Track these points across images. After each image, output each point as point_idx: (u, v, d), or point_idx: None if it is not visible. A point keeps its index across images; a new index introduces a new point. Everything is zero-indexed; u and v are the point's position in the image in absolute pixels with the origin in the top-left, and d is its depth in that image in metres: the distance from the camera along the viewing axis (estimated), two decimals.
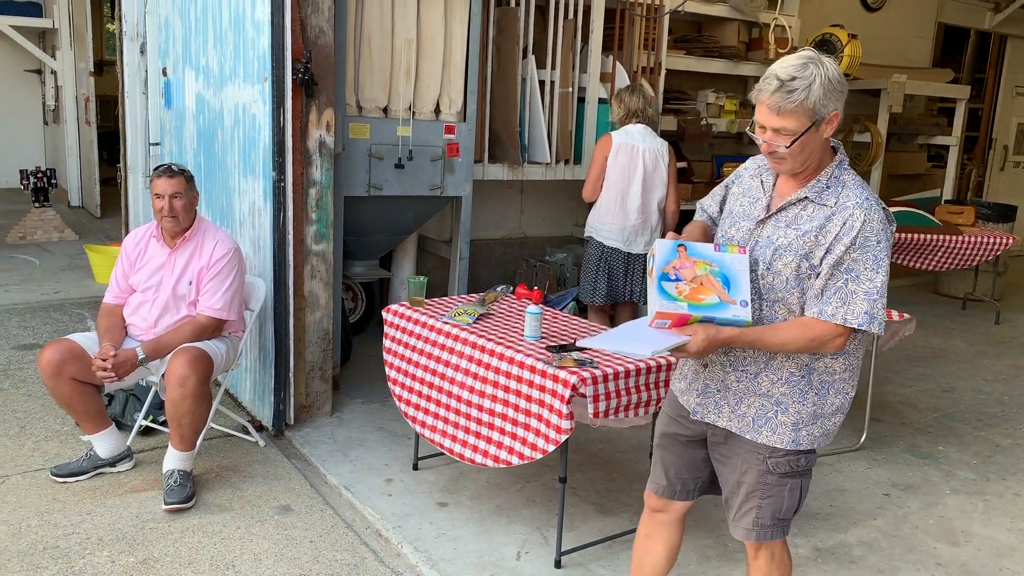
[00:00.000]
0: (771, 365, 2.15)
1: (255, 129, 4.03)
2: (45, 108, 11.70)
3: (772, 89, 1.98)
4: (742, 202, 2.25)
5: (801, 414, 2.16)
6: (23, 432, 4.00)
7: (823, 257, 2.04)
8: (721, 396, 2.22)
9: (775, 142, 2.03)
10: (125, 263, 3.65)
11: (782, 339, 2.07)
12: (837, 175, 2.10)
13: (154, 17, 5.43)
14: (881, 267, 2.03)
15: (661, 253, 2.11)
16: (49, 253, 7.90)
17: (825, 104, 1.97)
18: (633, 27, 5.96)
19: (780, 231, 2.11)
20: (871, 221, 2.02)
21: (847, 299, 2.02)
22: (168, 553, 3.06)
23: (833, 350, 2.09)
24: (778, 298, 2.11)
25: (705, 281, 2.06)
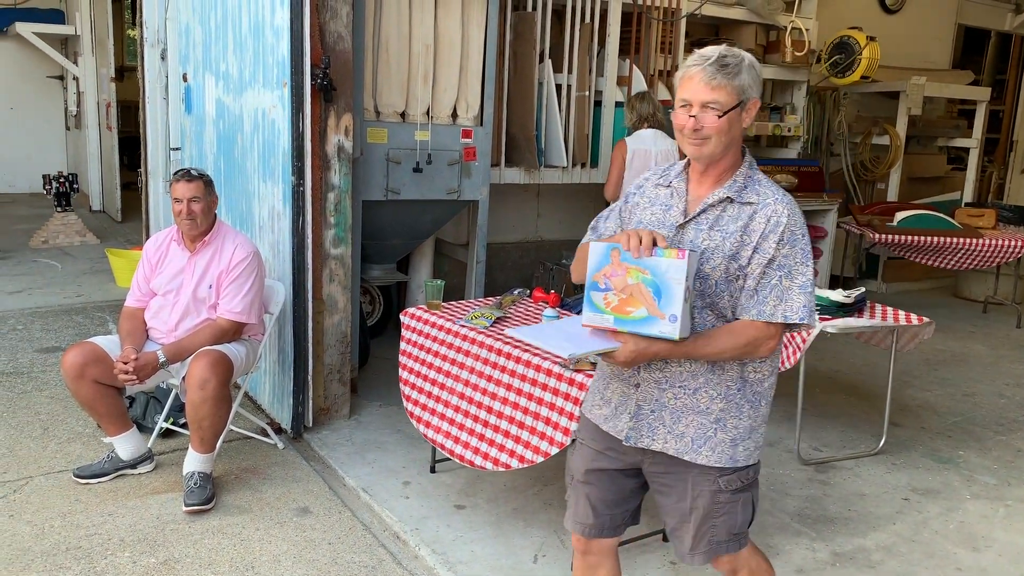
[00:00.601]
0: (710, 380, 2.06)
1: (274, 134, 4.07)
2: (67, 114, 11.83)
3: (708, 62, 1.96)
4: (653, 211, 2.13)
5: (739, 429, 2.09)
6: (46, 434, 4.05)
7: (751, 256, 1.99)
8: (656, 417, 2.10)
9: (704, 116, 1.97)
10: (146, 267, 3.70)
11: (717, 348, 1.99)
12: (751, 175, 2.07)
13: (175, 23, 5.49)
14: (808, 260, 2.02)
15: (594, 258, 1.95)
16: (71, 257, 7.99)
17: (751, 87, 1.98)
18: (650, 30, 5.96)
19: (703, 234, 2.03)
20: (794, 215, 2.00)
21: (783, 296, 1.98)
22: (188, 554, 3.09)
23: (766, 352, 2.03)
24: (707, 304, 2.03)
25: (635, 292, 1.90)
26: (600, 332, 1.95)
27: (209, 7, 4.73)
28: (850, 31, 7.51)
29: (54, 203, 8.58)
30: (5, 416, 4.23)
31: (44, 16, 10.98)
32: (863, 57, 7.35)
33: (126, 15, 13.11)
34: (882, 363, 4.58)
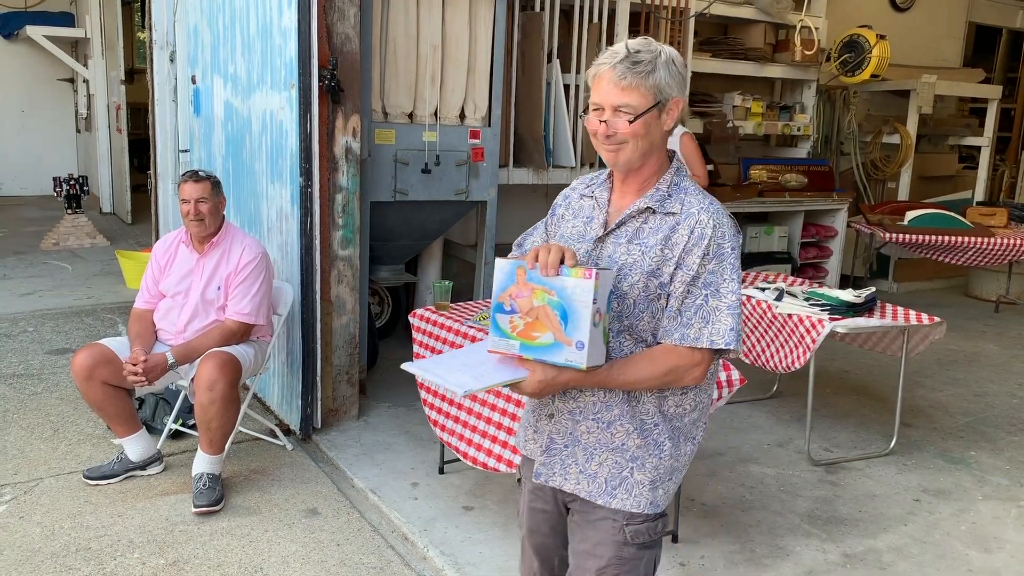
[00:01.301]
0: (625, 412, 1.84)
1: (282, 136, 4.07)
2: (77, 116, 11.89)
3: (617, 60, 1.75)
4: (574, 223, 1.94)
5: (659, 469, 1.86)
6: (56, 435, 4.06)
7: (673, 273, 1.78)
8: (569, 453, 1.89)
9: (615, 120, 1.77)
10: (155, 268, 3.71)
11: (634, 376, 1.77)
12: (677, 182, 1.86)
13: (183, 26, 5.51)
14: (737, 277, 1.80)
15: (499, 276, 1.77)
16: (81, 259, 8.03)
17: (670, 84, 1.77)
18: (658, 30, 5.95)
19: (622, 248, 1.83)
20: (721, 226, 1.78)
21: (709, 318, 1.76)
22: (197, 555, 3.09)
23: (692, 381, 1.80)
24: (624, 326, 1.81)
25: (541, 315, 1.71)
26: (507, 359, 1.77)
27: (217, 9, 4.74)
28: (860, 29, 7.47)
29: (65, 205, 8.62)
30: (16, 417, 4.24)
31: (55, 19, 11.04)
32: (873, 55, 7.32)
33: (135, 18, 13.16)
34: (893, 363, 4.55)
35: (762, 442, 4.39)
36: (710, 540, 3.35)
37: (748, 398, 4.86)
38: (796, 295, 4.26)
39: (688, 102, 6.33)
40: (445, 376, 1.77)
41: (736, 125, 6.80)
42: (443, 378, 1.76)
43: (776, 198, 7.09)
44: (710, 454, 4.19)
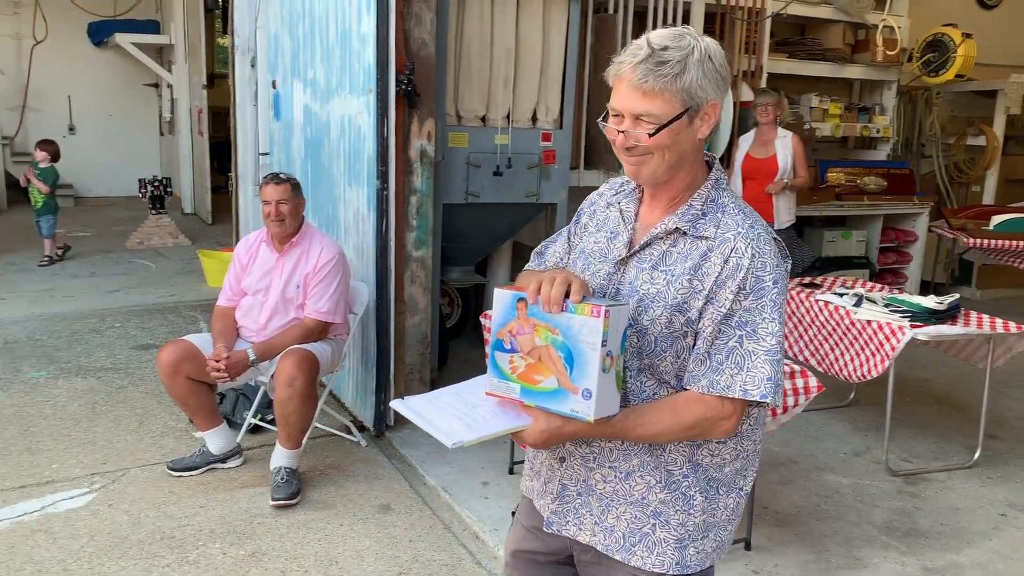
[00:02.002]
0: (647, 462, 1.60)
1: (360, 139, 4.16)
2: (161, 120, 12.31)
3: (639, 59, 1.48)
4: (597, 238, 1.69)
5: (687, 527, 1.61)
6: (141, 427, 4.22)
7: (703, 308, 1.52)
8: (583, 502, 1.65)
9: (636, 131, 1.51)
10: (237, 267, 3.82)
11: (653, 429, 1.53)
12: (714, 197, 1.58)
13: (264, 32, 5.66)
14: (778, 317, 1.52)
15: (499, 309, 1.55)
16: (164, 258, 8.31)
17: (703, 87, 1.49)
18: (733, 31, 5.88)
19: (645, 275, 1.57)
20: (762, 255, 1.51)
21: (744, 363, 1.51)
22: (275, 547, 3.18)
23: (720, 435, 1.56)
24: (645, 365, 1.57)
25: (544, 356, 1.49)
26: (508, 403, 1.56)
27: (297, 16, 4.86)
28: (944, 28, 7.25)
29: (149, 206, 8.94)
30: (104, 410, 4.43)
31: (141, 27, 11.47)
32: (958, 55, 7.09)
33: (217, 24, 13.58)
34: (975, 373, 4.40)
35: (838, 451, 4.30)
36: (784, 549, 3.30)
37: (824, 406, 4.76)
38: (875, 301, 4.16)
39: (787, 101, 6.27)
40: (435, 422, 1.54)
41: (813, 127, 6.67)
42: (433, 424, 1.54)
43: (854, 201, 6.93)
44: (784, 462, 4.12)
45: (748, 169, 5.66)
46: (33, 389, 4.67)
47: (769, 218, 5.62)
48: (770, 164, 5.58)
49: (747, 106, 5.89)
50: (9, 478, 3.64)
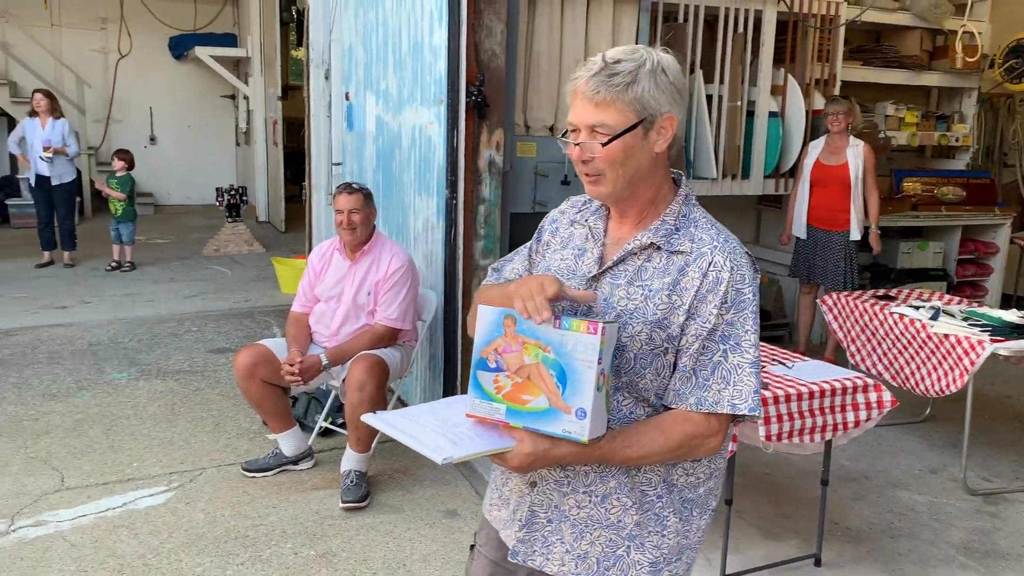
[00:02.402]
0: (623, 484, 1.56)
1: (430, 150, 4.23)
2: (237, 131, 12.69)
3: (592, 72, 1.48)
4: (564, 255, 1.65)
5: (662, 549, 1.58)
6: (217, 429, 4.36)
7: (684, 324, 1.51)
8: (553, 529, 1.60)
9: (590, 142, 1.50)
10: (311, 274, 3.92)
11: (643, 450, 1.50)
12: (686, 212, 1.58)
13: (339, 45, 5.80)
14: (757, 328, 1.53)
15: (483, 326, 1.49)
16: (239, 265, 8.56)
17: (656, 98, 1.48)
18: (806, 38, 5.79)
19: (621, 291, 1.54)
20: (740, 268, 1.52)
21: (730, 378, 1.50)
22: (345, 549, 3.25)
23: (707, 453, 1.54)
24: (623, 383, 1.54)
25: (534, 375, 1.44)
26: (490, 425, 1.49)
27: (371, 29, 4.97)
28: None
29: (225, 214, 9.22)
30: (182, 411, 4.58)
31: (220, 40, 11.85)
32: None
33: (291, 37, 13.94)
34: None
35: (913, 467, 4.18)
36: (855, 566, 3.23)
37: (898, 421, 4.64)
38: (953, 314, 4.04)
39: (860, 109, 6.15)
40: (418, 436, 1.49)
41: (888, 136, 6.51)
42: (416, 439, 1.49)
43: (931, 212, 6.75)
44: (856, 476, 4.03)
45: (817, 176, 5.57)
46: (116, 390, 4.86)
47: (842, 226, 5.52)
48: (840, 172, 5.49)
49: (819, 114, 5.79)
50: (93, 475, 3.79)
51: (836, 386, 2.98)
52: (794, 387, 2.91)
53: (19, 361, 5.31)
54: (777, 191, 5.95)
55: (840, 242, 5.53)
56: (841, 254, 5.54)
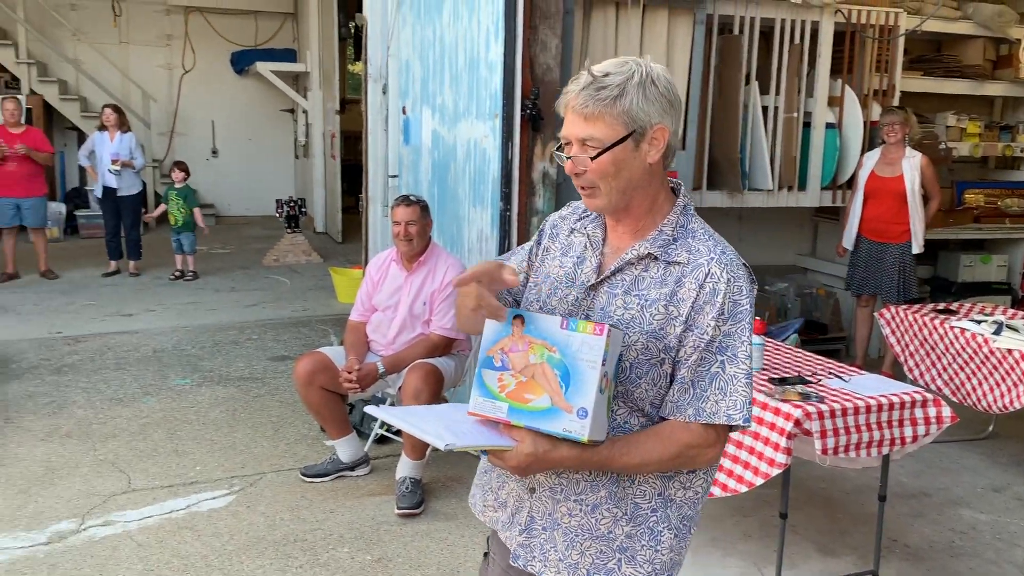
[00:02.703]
0: (614, 494, 1.56)
1: (485, 162, 4.29)
2: (296, 143, 12.95)
3: (581, 86, 1.51)
4: (563, 262, 1.66)
5: (655, 564, 1.57)
6: (277, 434, 4.46)
7: (682, 335, 1.52)
8: (548, 537, 1.60)
9: (581, 156, 1.52)
10: (369, 284, 4.01)
11: (641, 458, 1.51)
12: (684, 223, 1.59)
13: (396, 60, 5.91)
14: (752, 339, 1.55)
15: (491, 327, 1.53)
16: (298, 274, 8.73)
17: (645, 110, 1.49)
18: (864, 49, 5.73)
19: (618, 300, 1.56)
20: (737, 279, 1.52)
21: (727, 388, 1.51)
22: (400, 554, 3.30)
23: (705, 464, 1.56)
24: (619, 392, 1.54)
25: (539, 374, 1.46)
26: (492, 423, 1.51)
27: (428, 45, 5.07)
28: None
29: (284, 225, 9.42)
30: (243, 417, 4.70)
31: (280, 56, 12.13)
32: None
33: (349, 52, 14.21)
34: None
35: (975, 485, 4.10)
36: None
37: (959, 438, 4.55)
38: (1018, 329, 3.96)
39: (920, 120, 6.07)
40: (420, 426, 1.51)
41: (950, 147, 6.39)
42: (418, 428, 1.50)
43: (994, 224, 6.59)
44: (915, 493, 3.96)
45: (871, 188, 5.50)
46: (179, 395, 5.02)
47: (896, 239, 5.43)
48: (896, 184, 5.41)
49: (877, 125, 5.72)
50: (159, 477, 3.92)
51: (894, 400, 2.95)
52: (851, 400, 2.88)
53: (88, 366, 5.51)
54: (834, 203, 5.88)
55: (895, 254, 5.45)
56: (896, 267, 5.45)
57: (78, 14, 11.77)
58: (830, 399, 2.89)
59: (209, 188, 12.47)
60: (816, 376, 3.18)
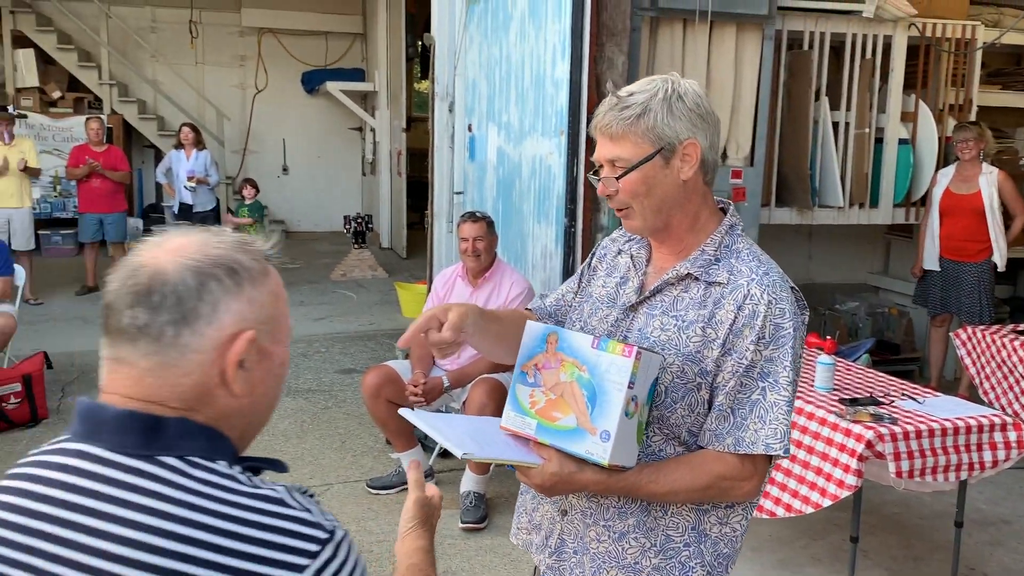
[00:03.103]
0: (643, 523, 1.51)
1: (550, 179, 4.32)
2: (364, 161, 13.19)
3: (607, 108, 1.48)
4: (606, 283, 1.63)
5: None
6: (343, 446, 4.54)
7: (719, 359, 1.45)
8: (577, 561, 1.57)
9: (610, 177, 1.49)
10: (435, 299, 4.06)
11: (667, 486, 1.45)
12: (728, 243, 1.53)
13: (463, 79, 6.00)
14: (797, 366, 1.46)
15: (528, 342, 1.51)
16: (364, 289, 8.88)
17: (672, 126, 1.45)
18: (939, 63, 5.60)
19: (655, 321, 1.51)
20: (779, 302, 1.45)
21: (766, 416, 1.43)
22: (464, 568, 3.32)
23: (743, 497, 1.48)
24: (654, 417, 1.49)
25: (567, 393, 1.44)
26: (523, 439, 1.49)
27: (495, 63, 5.13)
28: None
29: (351, 240, 9.60)
30: (311, 428, 4.79)
31: (349, 75, 12.40)
32: None
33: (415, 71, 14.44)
34: None
35: None
36: None
37: None
38: None
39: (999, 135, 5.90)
40: (444, 432, 1.50)
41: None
42: (442, 433, 1.49)
43: None
44: (994, 521, 3.82)
45: (947, 206, 5.35)
46: None
47: (974, 257, 5.27)
48: (973, 201, 5.25)
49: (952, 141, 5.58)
50: None
51: (971, 423, 2.86)
52: (926, 423, 2.81)
53: None
54: (907, 220, 5.75)
55: (973, 273, 5.29)
56: (974, 286, 5.28)
57: (157, 36, 12.22)
58: (904, 421, 2.82)
59: (280, 204, 12.78)
60: (889, 397, 3.11)
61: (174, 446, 0.88)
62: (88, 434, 0.89)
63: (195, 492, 0.85)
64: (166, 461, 0.86)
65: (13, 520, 0.86)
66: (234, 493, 0.86)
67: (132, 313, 0.89)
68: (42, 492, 0.86)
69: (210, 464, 0.88)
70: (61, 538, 0.83)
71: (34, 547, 0.84)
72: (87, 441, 0.89)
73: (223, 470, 0.88)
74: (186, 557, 0.81)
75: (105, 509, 0.83)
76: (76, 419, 0.91)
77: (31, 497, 0.87)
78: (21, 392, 4.68)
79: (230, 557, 0.83)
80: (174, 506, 0.83)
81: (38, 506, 0.86)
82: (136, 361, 0.89)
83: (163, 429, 0.88)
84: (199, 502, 0.84)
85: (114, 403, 0.90)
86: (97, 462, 0.87)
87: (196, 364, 0.89)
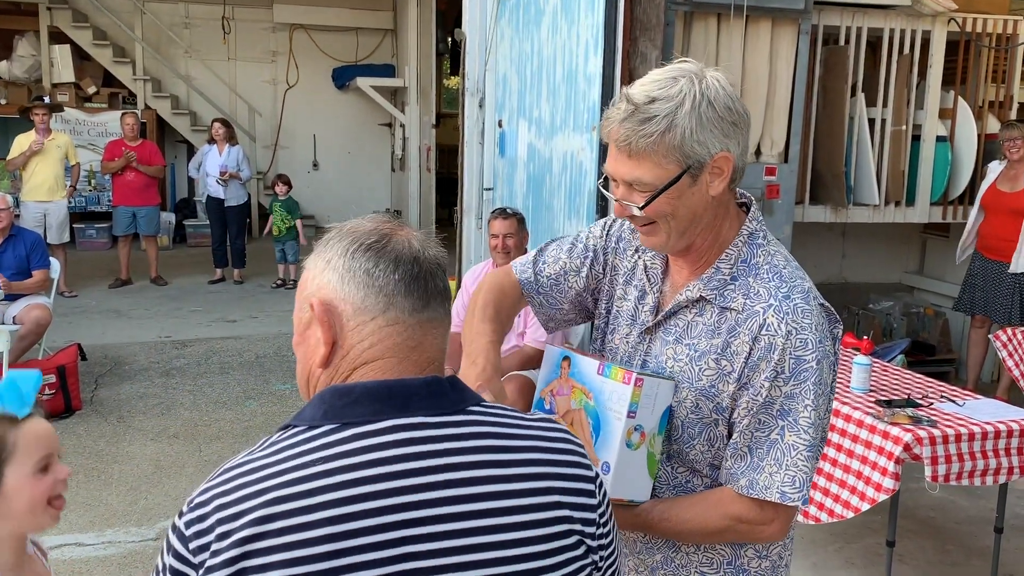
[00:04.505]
0: (671, 559, 1.41)
1: (581, 175, 4.28)
2: (393, 157, 13.22)
3: (622, 116, 1.25)
4: (627, 293, 1.46)
5: None
6: None
7: (735, 394, 1.30)
8: None
9: (629, 201, 1.29)
10: (465, 295, 4.04)
11: (678, 526, 1.34)
12: (746, 257, 1.33)
13: (493, 74, 5.98)
14: (823, 403, 1.29)
15: (546, 366, 1.45)
16: None
17: (701, 141, 1.24)
18: (979, 59, 5.48)
19: (669, 349, 1.36)
20: (800, 331, 1.27)
21: (783, 460, 1.28)
22: None
23: (767, 539, 1.35)
24: (674, 451, 1.37)
25: (576, 420, 1.36)
26: None
27: (526, 58, 5.10)
28: None
29: None
30: None
31: (379, 71, 12.43)
32: None
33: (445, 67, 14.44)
34: None
35: None
36: None
37: None
38: None
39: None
40: None
41: None
42: None
43: None
44: None
45: (988, 201, 5.25)
46: (280, 400, 5.16)
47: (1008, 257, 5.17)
48: (1015, 200, 5.14)
49: (993, 139, 5.46)
50: None
51: (1013, 427, 2.79)
52: (965, 426, 2.75)
53: (194, 370, 5.72)
54: (944, 219, 5.64)
55: (1012, 273, 5.18)
56: (1013, 286, 5.18)
57: (191, 32, 12.33)
58: (943, 424, 2.76)
59: (310, 200, 12.84)
60: (927, 399, 3.04)
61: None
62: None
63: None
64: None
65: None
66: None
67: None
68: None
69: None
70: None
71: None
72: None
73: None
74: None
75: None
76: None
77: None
78: (55, 383, 4.74)
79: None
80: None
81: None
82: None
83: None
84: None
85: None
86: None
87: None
